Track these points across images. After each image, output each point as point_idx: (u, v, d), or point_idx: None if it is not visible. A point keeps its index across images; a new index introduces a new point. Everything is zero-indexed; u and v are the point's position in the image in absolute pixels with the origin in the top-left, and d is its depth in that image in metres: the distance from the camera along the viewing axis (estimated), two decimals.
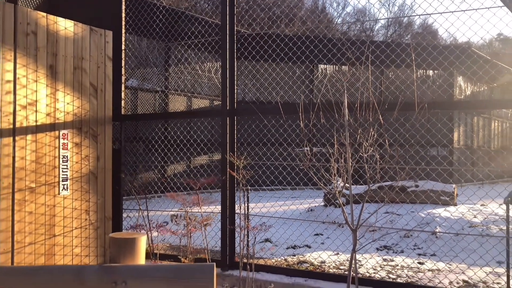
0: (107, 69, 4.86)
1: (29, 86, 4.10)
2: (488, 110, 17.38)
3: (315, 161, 3.87)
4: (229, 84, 4.62)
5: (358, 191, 8.34)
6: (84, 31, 4.62)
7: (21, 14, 4.05)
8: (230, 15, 4.66)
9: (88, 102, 4.65)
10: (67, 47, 4.45)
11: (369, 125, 3.36)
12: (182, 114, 6.57)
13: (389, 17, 35.26)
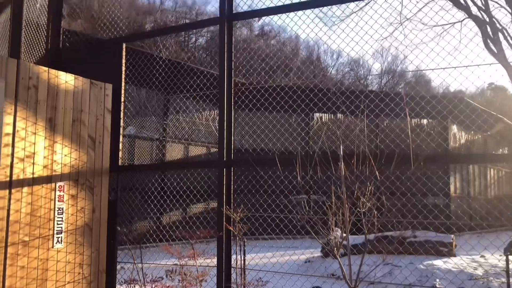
0: (106, 121, 4.91)
1: (28, 138, 4.13)
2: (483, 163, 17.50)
3: (313, 213, 3.85)
4: (227, 136, 4.66)
5: (356, 242, 8.23)
6: (85, 84, 4.71)
7: (24, 68, 4.14)
8: (228, 68, 4.77)
9: (86, 154, 4.67)
10: (67, 100, 4.51)
11: (366, 178, 3.38)
12: (179, 165, 6.58)
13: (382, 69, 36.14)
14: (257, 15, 4.95)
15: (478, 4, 12.10)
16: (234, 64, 4.86)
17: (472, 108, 13.65)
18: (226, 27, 4.80)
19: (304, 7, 4.55)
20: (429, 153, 3.58)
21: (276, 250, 8.70)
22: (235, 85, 4.90)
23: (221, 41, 4.82)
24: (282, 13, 4.71)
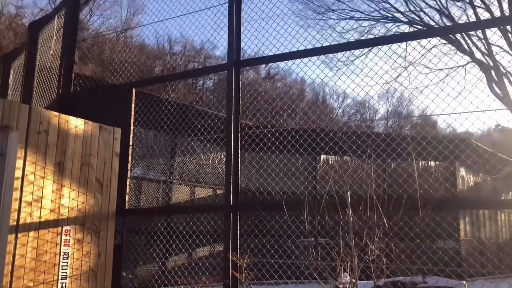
0: (114, 165, 4.95)
1: (36, 182, 4.16)
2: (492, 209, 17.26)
3: (320, 259, 3.80)
4: (233, 180, 4.67)
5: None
6: (94, 128, 4.78)
7: (35, 114, 4.23)
8: (235, 112, 4.83)
9: (93, 198, 4.68)
10: (76, 144, 4.57)
11: (374, 224, 3.35)
12: (185, 209, 6.59)
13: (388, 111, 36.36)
14: (263, 62, 5.06)
15: (481, 49, 12.31)
16: (241, 106, 4.93)
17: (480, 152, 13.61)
18: (233, 73, 4.90)
19: (310, 54, 4.66)
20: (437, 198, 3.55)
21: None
22: (242, 129, 4.95)
23: (229, 87, 4.91)
24: (288, 59, 4.82)
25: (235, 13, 5.00)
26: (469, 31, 11.26)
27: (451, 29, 8.39)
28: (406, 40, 4.78)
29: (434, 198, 3.51)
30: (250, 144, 5.62)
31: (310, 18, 14.24)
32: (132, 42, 25.81)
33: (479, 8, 12.24)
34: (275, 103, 19.03)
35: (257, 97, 5.99)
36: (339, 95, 36.91)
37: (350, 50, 4.66)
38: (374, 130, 29.62)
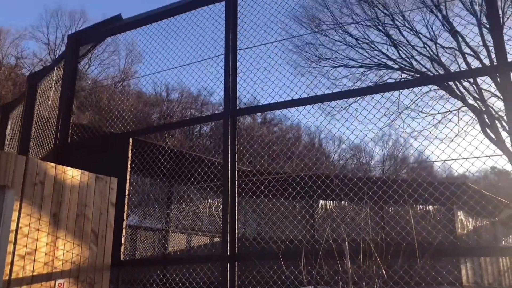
0: (110, 215, 4.91)
1: (31, 235, 4.11)
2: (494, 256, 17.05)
3: None
4: (230, 230, 4.62)
5: None
6: (90, 179, 4.78)
7: (32, 165, 4.23)
8: (232, 159, 4.85)
9: (88, 249, 4.60)
10: (72, 195, 4.55)
11: (373, 273, 3.30)
12: (181, 260, 6.47)
13: (384, 155, 36.56)
14: (259, 110, 5.15)
15: (473, 95, 12.56)
16: (238, 150, 4.96)
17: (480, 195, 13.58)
18: (230, 122, 4.97)
19: (304, 103, 4.75)
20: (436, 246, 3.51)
21: None
22: (239, 177, 4.95)
23: (225, 135, 4.96)
24: (283, 108, 4.90)
25: (231, 64, 5.13)
26: (460, 79, 11.53)
27: (443, 78, 8.61)
28: (399, 89, 4.88)
29: (433, 245, 3.48)
30: (247, 191, 5.61)
31: (303, 66, 14.58)
32: (130, 90, 26.21)
33: (468, 55, 12.60)
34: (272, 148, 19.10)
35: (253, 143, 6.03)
36: (335, 140, 37.18)
37: (344, 99, 4.74)
38: (371, 174, 29.63)
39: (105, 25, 7.02)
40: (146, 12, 6.44)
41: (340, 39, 14.60)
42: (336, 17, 14.72)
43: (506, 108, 3.85)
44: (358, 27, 14.27)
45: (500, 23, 5.60)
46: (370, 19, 14.00)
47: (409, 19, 13.52)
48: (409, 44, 13.56)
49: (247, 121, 33.64)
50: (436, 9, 12.64)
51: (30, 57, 36.42)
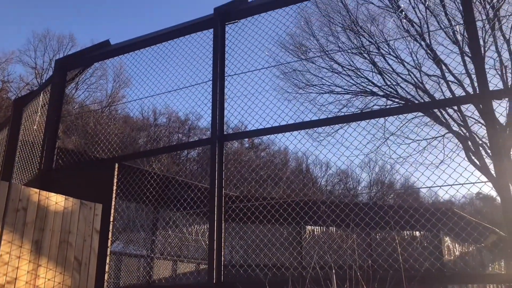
0: (94, 242, 4.82)
1: (11, 263, 4.00)
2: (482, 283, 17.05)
3: None
4: (216, 257, 4.57)
5: None
6: (75, 205, 4.70)
7: (15, 191, 4.16)
8: (218, 185, 4.83)
9: (71, 277, 4.50)
10: (56, 222, 4.47)
11: None
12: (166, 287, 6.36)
13: (371, 180, 36.75)
14: (246, 136, 5.17)
15: (457, 121, 12.77)
16: (226, 176, 4.94)
17: (466, 221, 13.66)
18: (217, 148, 4.97)
19: (290, 129, 4.78)
20: (423, 273, 3.51)
21: None
22: (226, 202, 4.93)
23: (212, 161, 4.95)
24: (270, 134, 4.93)
25: (218, 90, 5.17)
26: (445, 107, 11.74)
27: (428, 105, 8.78)
28: (385, 116, 4.96)
29: (420, 272, 3.47)
30: (234, 217, 5.57)
31: (290, 93, 14.72)
32: (117, 114, 26.15)
33: (452, 83, 12.86)
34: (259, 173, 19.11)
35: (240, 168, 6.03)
36: (322, 165, 37.31)
37: (330, 125, 4.79)
38: (357, 199, 29.68)
39: (93, 50, 7.05)
40: (135, 38, 6.49)
41: (326, 66, 14.83)
42: (322, 44, 14.98)
43: (489, 135, 3.92)
44: (344, 55, 14.53)
45: (481, 53, 5.75)
46: (355, 47, 14.28)
47: (393, 47, 13.82)
48: (394, 72, 13.82)
49: (235, 146, 33.65)
50: (420, 38, 12.95)
51: (16, 81, 36.24)
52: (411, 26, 13.34)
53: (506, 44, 11.59)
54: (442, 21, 13.02)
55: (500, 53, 11.52)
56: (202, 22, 5.69)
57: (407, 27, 13.57)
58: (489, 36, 11.77)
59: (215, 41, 5.42)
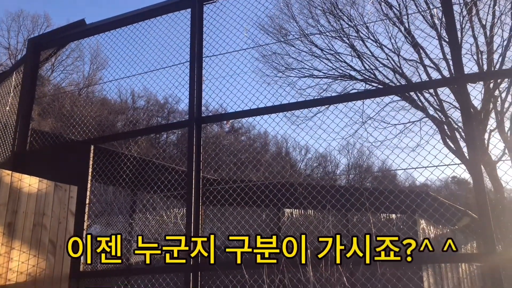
0: (69, 225, 4.76)
1: None
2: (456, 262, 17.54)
3: None
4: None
5: None
6: (49, 187, 4.63)
7: None
8: (196, 168, 4.80)
9: (45, 260, 4.44)
10: (29, 204, 4.39)
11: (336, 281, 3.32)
12: (144, 270, 6.29)
13: (349, 164, 37.17)
14: (224, 118, 5.13)
15: (434, 105, 12.97)
16: (205, 159, 4.92)
17: (440, 203, 13.95)
18: (194, 130, 4.92)
19: (269, 111, 4.76)
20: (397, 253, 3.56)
21: None
22: (204, 185, 4.91)
23: (190, 143, 4.91)
24: (248, 116, 4.90)
25: (196, 72, 5.10)
26: (421, 90, 11.88)
27: (404, 88, 8.86)
28: (362, 99, 4.97)
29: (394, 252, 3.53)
30: (212, 200, 5.57)
31: (270, 76, 14.67)
32: (94, 97, 25.71)
33: (429, 67, 13.00)
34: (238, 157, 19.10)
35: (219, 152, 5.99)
36: (301, 149, 37.54)
37: (308, 108, 4.79)
38: (336, 183, 30.03)
39: (68, 30, 6.85)
40: (111, 18, 6.33)
41: (306, 49, 14.80)
42: (302, 27, 14.93)
43: (463, 117, 3.98)
44: (323, 38, 14.51)
45: (458, 37, 5.81)
46: (335, 30, 14.27)
47: (372, 31, 13.87)
48: (372, 56, 13.89)
49: (215, 130, 33.52)
50: (398, 21, 13.01)
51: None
52: (390, 9, 13.39)
53: (482, 29, 11.75)
54: (421, 5, 13.10)
55: (477, 38, 11.69)
56: (180, 2, 5.58)
57: (386, 11, 13.62)
58: (466, 22, 11.90)
59: (193, 21, 5.34)
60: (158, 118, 33.56)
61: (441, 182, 38.62)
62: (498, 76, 8.79)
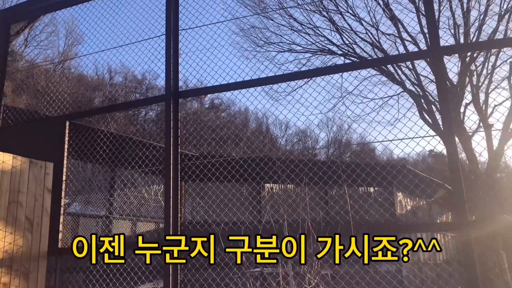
0: (45, 202, 4.71)
1: None
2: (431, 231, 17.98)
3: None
4: (173, 213, 4.57)
5: None
6: (24, 164, 4.55)
7: None
8: (174, 144, 4.77)
9: (22, 237, 4.40)
10: (3, 181, 4.32)
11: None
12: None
13: (329, 139, 37.47)
14: (202, 93, 5.08)
15: (412, 80, 13.08)
16: (185, 136, 4.89)
17: (415, 175, 14.25)
18: (172, 104, 4.87)
19: (248, 85, 4.73)
20: (372, 224, 3.68)
21: None
22: (182, 160, 4.89)
23: (167, 118, 4.87)
24: (226, 91, 4.86)
25: (172, 45, 5.01)
26: (397, 63, 11.95)
27: (381, 61, 8.91)
28: (340, 72, 4.98)
29: (369, 223, 3.61)
30: (191, 175, 5.56)
31: (249, 50, 14.55)
32: (70, 73, 25.15)
33: (407, 41, 13.06)
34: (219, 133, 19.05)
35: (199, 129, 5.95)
36: (282, 125, 37.62)
37: (287, 82, 4.78)
38: (316, 158, 30.29)
39: (40, 2, 6.64)
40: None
41: (285, 23, 14.68)
42: (281, 0, 14.77)
43: (439, 90, 4.03)
44: (303, 12, 14.40)
45: (434, 10, 5.84)
46: (314, 3, 14.16)
47: (351, 4, 13.81)
48: (352, 30, 13.86)
49: (195, 106, 33.26)
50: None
51: None
52: None
53: (459, 1, 11.81)
54: None
55: (454, 11, 11.75)
56: None
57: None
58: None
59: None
60: (137, 95, 33.11)
61: (419, 156, 39.28)
62: (473, 48, 8.89)
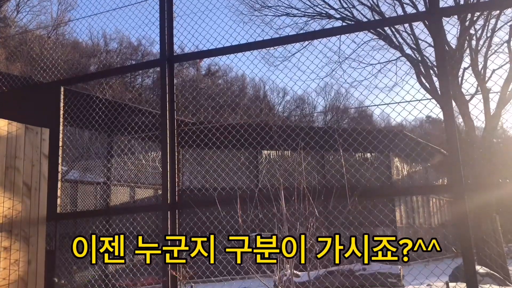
0: (43, 167, 4.72)
1: None
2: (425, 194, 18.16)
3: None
4: (170, 179, 4.59)
5: (307, 278, 8.21)
6: (19, 129, 4.53)
7: None
8: (170, 109, 4.75)
9: (21, 202, 4.43)
10: (0, 147, 4.31)
11: (308, 215, 3.42)
12: (121, 210, 6.37)
13: (326, 105, 37.37)
14: (196, 56, 5.02)
15: (410, 44, 12.91)
16: (182, 103, 4.87)
17: (411, 139, 14.30)
18: (167, 69, 4.82)
19: (244, 49, 4.66)
20: (367, 187, 3.70)
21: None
22: (178, 126, 4.88)
23: (162, 83, 4.82)
24: (222, 55, 4.80)
25: (166, 8, 4.91)
26: (395, 25, 11.78)
27: (379, 23, 8.76)
28: (338, 34, 4.90)
29: (364, 185, 3.63)
30: (187, 141, 5.56)
31: (246, 14, 14.28)
32: (65, 39, 24.76)
33: (406, 5, 12.82)
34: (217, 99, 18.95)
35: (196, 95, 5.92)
36: (279, 92, 37.41)
37: (285, 45, 4.71)
38: (313, 125, 30.28)
39: None
40: None
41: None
42: None
43: (436, 52, 3.98)
44: None
45: None
46: None
47: None
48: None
49: (191, 73, 32.92)
50: None
51: None
52: None
53: None
54: None
55: None
56: None
57: None
58: None
59: None
60: (132, 61, 32.70)
61: (416, 121, 39.32)
62: (472, 9, 8.74)
